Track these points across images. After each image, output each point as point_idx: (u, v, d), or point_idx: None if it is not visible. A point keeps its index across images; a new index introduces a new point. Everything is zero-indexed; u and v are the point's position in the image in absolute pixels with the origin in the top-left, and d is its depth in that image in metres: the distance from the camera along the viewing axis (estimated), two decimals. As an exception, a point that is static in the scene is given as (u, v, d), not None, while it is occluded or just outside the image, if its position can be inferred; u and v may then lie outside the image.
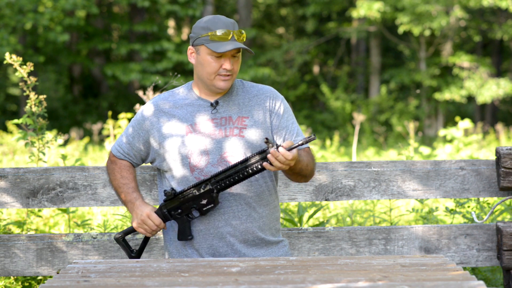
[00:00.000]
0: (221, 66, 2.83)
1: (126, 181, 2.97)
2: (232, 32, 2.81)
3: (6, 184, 3.46)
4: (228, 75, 2.85)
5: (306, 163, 2.85)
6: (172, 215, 2.87)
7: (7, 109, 23.51)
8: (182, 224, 2.87)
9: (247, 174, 2.74)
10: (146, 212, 2.87)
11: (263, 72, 18.37)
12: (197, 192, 2.81)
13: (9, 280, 3.92)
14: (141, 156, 2.98)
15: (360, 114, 10.71)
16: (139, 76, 17.85)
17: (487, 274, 4.32)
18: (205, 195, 2.81)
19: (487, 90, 18.56)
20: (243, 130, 2.87)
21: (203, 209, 2.83)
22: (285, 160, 2.67)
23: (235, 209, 2.87)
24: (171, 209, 2.86)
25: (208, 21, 2.84)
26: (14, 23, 16.15)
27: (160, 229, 2.90)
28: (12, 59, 4.06)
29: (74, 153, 10.11)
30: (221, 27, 2.81)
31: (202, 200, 2.81)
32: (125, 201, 2.96)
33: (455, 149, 9.03)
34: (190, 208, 2.84)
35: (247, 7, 20.81)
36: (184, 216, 2.86)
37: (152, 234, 2.91)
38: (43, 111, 4.15)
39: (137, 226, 2.90)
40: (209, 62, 2.83)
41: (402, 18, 18.11)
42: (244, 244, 2.88)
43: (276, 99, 2.94)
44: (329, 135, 18.13)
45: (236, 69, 2.86)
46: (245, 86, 2.96)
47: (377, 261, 2.64)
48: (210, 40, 2.81)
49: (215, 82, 2.85)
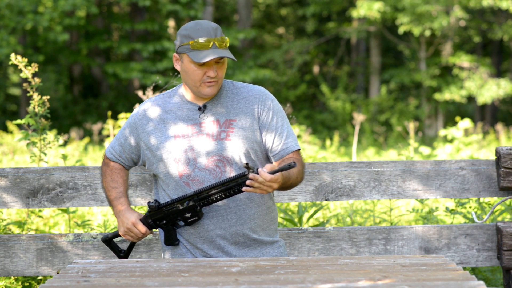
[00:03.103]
0: (205, 74, 2.82)
1: (116, 185, 2.99)
2: (213, 40, 2.78)
3: (6, 184, 3.46)
4: (213, 81, 2.83)
5: (296, 175, 2.83)
6: (157, 224, 2.91)
7: (7, 109, 23.51)
8: (168, 232, 2.91)
9: (229, 195, 2.75)
10: (131, 221, 2.91)
11: (264, 74, 18.36)
12: (181, 207, 2.83)
13: (9, 280, 3.92)
14: (132, 159, 2.99)
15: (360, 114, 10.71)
16: (140, 75, 17.86)
17: (487, 274, 4.32)
18: (188, 210, 2.82)
19: (487, 91, 18.56)
20: (230, 133, 2.84)
21: (187, 221, 2.86)
22: (266, 182, 2.64)
23: (223, 213, 2.86)
24: (156, 220, 2.90)
25: (190, 29, 2.81)
26: (14, 24, 16.15)
27: (146, 235, 2.94)
28: (17, 60, 4.08)
29: (74, 153, 10.11)
30: (202, 35, 2.78)
31: (186, 213, 2.83)
32: (112, 205, 3.00)
33: (455, 149, 9.03)
34: (175, 219, 2.87)
35: (247, 7, 20.82)
36: (169, 226, 2.90)
37: (139, 240, 2.96)
38: (46, 111, 4.16)
39: (123, 233, 2.94)
40: (193, 70, 2.81)
41: (402, 18, 18.12)
42: (235, 246, 2.88)
43: (265, 100, 2.89)
44: (329, 135, 18.14)
45: (221, 75, 2.84)
46: (235, 87, 2.93)
47: (377, 261, 2.64)
48: (191, 49, 2.79)
49: (201, 89, 2.84)
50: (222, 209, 2.85)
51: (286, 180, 2.77)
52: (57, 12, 16.35)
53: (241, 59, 19.46)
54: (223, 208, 2.85)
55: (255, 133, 2.86)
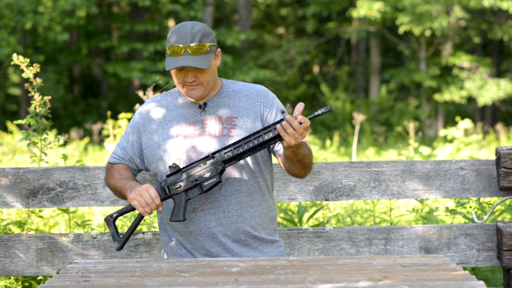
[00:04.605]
0: (184, 78, 2.83)
1: (123, 176, 2.91)
2: (185, 48, 2.77)
3: (6, 184, 3.46)
4: (194, 85, 2.83)
5: (307, 151, 2.83)
6: (171, 190, 2.79)
7: (7, 109, 23.51)
8: (179, 202, 2.79)
9: (258, 143, 2.69)
10: (145, 186, 2.77)
11: (264, 74, 18.36)
12: (202, 165, 2.76)
13: (9, 280, 3.92)
14: (135, 161, 2.96)
15: (360, 114, 10.70)
16: (140, 75, 17.86)
17: (487, 274, 4.32)
18: (210, 168, 2.75)
19: (487, 91, 18.56)
20: (232, 130, 2.86)
21: (204, 184, 2.76)
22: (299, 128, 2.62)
23: (225, 209, 2.86)
24: (171, 183, 2.79)
25: (171, 32, 2.83)
26: (13, 23, 16.15)
27: (156, 206, 2.76)
28: (19, 60, 4.09)
29: (74, 153, 10.11)
30: (175, 41, 2.78)
31: (206, 173, 2.76)
32: (124, 191, 2.85)
33: (455, 149, 9.03)
34: (192, 182, 2.77)
35: (247, 7, 20.82)
36: (182, 193, 2.79)
37: (145, 211, 2.76)
38: (47, 112, 4.17)
39: (132, 197, 2.76)
40: (174, 73, 2.85)
41: (402, 18, 18.12)
42: (237, 243, 2.88)
43: (267, 98, 2.93)
44: (329, 135, 18.13)
45: (203, 79, 2.82)
46: (235, 86, 2.96)
47: (377, 261, 2.64)
48: (168, 53, 2.82)
49: (186, 92, 2.87)
50: (224, 206, 2.86)
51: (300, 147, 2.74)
52: (57, 12, 16.36)
53: (241, 60, 19.46)
54: (224, 205, 2.86)
55: (256, 130, 2.87)
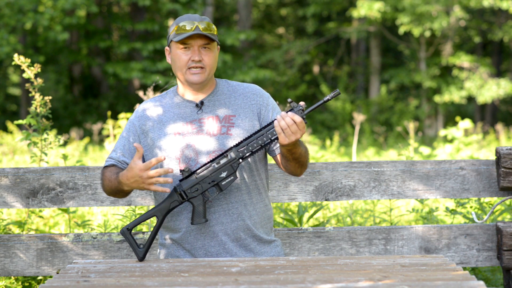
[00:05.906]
0: (190, 58, 2.85)
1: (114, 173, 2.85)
2: (196, 24, 2.84)
3: (6, 184, 3.46)
4: (198, 67, 2.86)
5: (304, 150, 2.86)
6: (188, 194, 2.76)
7: (7, 109, 23.51)
8: (198, 205, 2.78)
9: (270, 140, 2.74)
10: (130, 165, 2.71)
11: (264, 74, 18.35)
12: (217, 165, 2.76)
13: (9, 280, 3.92)
14: None
15: (360, 114, 10.70)
16: (140, 75, 17.85)
17: (487, 274, 4.32)
18: (226, 167, 2.75)
19: (487, 91, 18.56)
20: (230, 128, 2.88)
21: (222, 184, 2.76)
22: (293, 124, 2.66)
23: (225, 207, 2.87)
24: (187, 188, 2.76)
25: (177, 19, 2.90)
26: (14, 22, 16.15)
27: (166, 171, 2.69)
28: (20, 60, 4.09)
29: (74, 153, 10.11)
30: (185, 20, 2.86)
31: (222, 173, 2.76)
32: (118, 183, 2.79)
33: (455, 149, 9.03)
34: (209, 184, 2.76)
35: (247, 7, 20.81)
36: (200, 195, 2.78)
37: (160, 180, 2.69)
38: (48, 112, 4.17)
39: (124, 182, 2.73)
40: (179, 56, 2.86)
41: (402, 19, 18.12)
42: (236, 243, 2.89)
43: (263, 97, 2.96)
44: (329, 135, 18.13)
45: (207, 62, 2.87)
46: (230, 85, 2.99)
47: (377, 261, 2.64)
48: (176, 34, 2.86)
49: (187, 77, 2.88)
50: (224, 204, 2.87)
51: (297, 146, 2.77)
52: (57, 11, 16.36)
53: (241, 60, 19.45)
54: (224, 203, 2.87)
55: (255, 128, 2.91)
